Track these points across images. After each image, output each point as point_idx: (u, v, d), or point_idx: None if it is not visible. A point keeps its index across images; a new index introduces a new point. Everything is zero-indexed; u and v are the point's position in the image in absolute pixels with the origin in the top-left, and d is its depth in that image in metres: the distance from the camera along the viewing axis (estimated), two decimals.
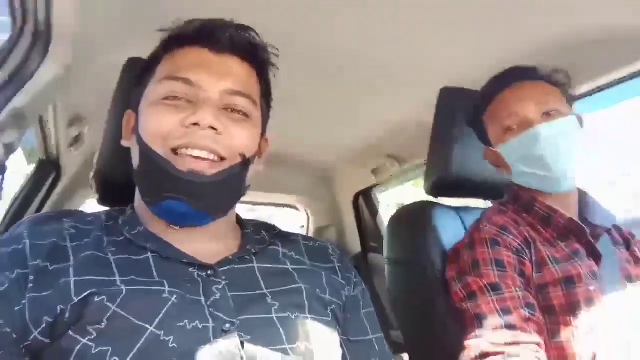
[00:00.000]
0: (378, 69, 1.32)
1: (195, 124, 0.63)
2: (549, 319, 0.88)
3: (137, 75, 0.76)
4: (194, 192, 0.64)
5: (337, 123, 1.77)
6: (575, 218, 0.97)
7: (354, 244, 2.32)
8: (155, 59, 0.73)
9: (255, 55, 0.73)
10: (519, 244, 0.93)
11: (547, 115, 0.95)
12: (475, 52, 1.20)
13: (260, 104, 0.74)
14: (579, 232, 0.95)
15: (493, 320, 0.85)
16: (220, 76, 0.68)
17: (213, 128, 0.64)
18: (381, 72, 1.34)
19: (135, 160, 0.69)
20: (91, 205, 1.92)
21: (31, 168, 1.72)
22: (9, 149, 0.98)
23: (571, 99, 1.03)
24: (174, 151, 0.64)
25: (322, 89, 1.48)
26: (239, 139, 0.67)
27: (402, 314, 1.16)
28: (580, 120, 0.98)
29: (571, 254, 0.92)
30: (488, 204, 1.25)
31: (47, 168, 1.68)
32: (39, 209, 1.68)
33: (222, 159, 0.65)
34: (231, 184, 0.68)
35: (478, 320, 0.86)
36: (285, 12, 1.07)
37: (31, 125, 1.12)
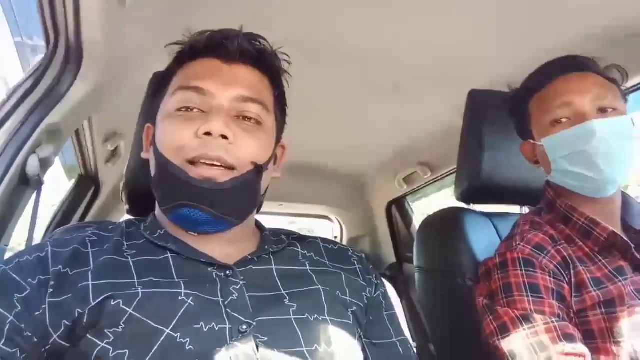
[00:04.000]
0: (407, 73, 1.31)
1: (207, 133, 0.64)
2: (587, 345, 0.79)
3: (154, 89, 0.78)
4: (207, 199, 0.64)
5: (367, 131, 1.76)
6: (619, 226, 0.90)
7: (389, 254, 2.29)
8: (170, 73, 0.75)
9: (265, 62, 0.74)
10: (556, 266, 0.84)
11: (603, 112, 0.86)
12: (507, 51, 1.17)
13: (274, 111, 0.75)
14: (622, 247, 0.86)
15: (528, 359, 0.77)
16: (230, 83, 0.69)
17: (224, 137, 0.64)
18: (411, 76, 1.32)
19: (153, 170, 0.70)
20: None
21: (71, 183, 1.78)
22: (45, 164, 1.03)
23: (625, 98, 0.94)
24: (190, 162, 0.65)
25: (351, 97, 1.47)
26: (249, 148, 0.67)
27: (433, 324, 1.13)
28: (633, 122, 0.89)
29: (614, 273, 0.84)
30: (525, 209, 1.20)
31: (86, 183, 1.75)
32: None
33: (232, 168, 0.66)
34: (244, 191, 0.68)
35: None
36: (314, 17, 1.07)
37: (66, 141, 1.17)
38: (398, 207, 2.25)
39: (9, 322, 0.55)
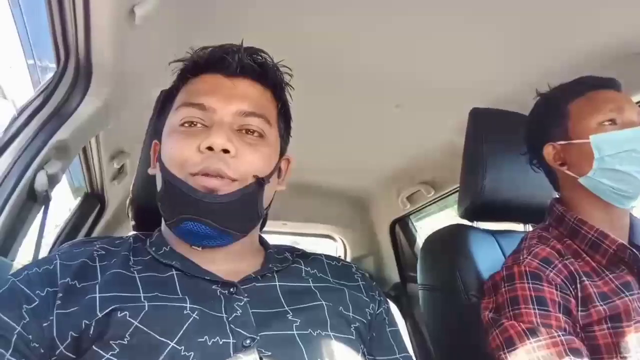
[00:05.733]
0: (410, 92, 1.33)
1: (209, 148, 0.65)
2: None
3: (161, 107, 0.80)
4: (209, 212, 0.65)
5: (370, 150, 1.77)
6: (626, 242, 0.90)
7: (393, 274, 2.28)
8: (174, 90, 0.76)
9: (266, 76, 0.75)
10: (563, 280, 0.85)
11: None
12: (508, 70, 1.19)
13: (277, 124, 0.76)
14: (631, 259, 0.86)
15: None
16: (232, 98, 0.70)
17: (226, 151, 0.65)
18: (413, 95, 1.34)
19: (159, 186, 0.71)
20: None
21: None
22: (53, 180, 1.04)
23: None
24: (193, 176, 0.66)
25: (354, 116, 1.49)
26: (251, 162, 0.68)
27: (437, 342, 1.12)
28: None
29: (620, 287, 0.84)
30: (528, 227, 1.20)
31: (92, 200, 1.76)
32: None
33: (233, 180, 0.66)
34: (246, 203, 0.68)
35: None
36: (319, 38, 1.10)
37: (74, 158, 1.18)
38: (401, 226, 2.25)
39: (16, 332, 0.56)
